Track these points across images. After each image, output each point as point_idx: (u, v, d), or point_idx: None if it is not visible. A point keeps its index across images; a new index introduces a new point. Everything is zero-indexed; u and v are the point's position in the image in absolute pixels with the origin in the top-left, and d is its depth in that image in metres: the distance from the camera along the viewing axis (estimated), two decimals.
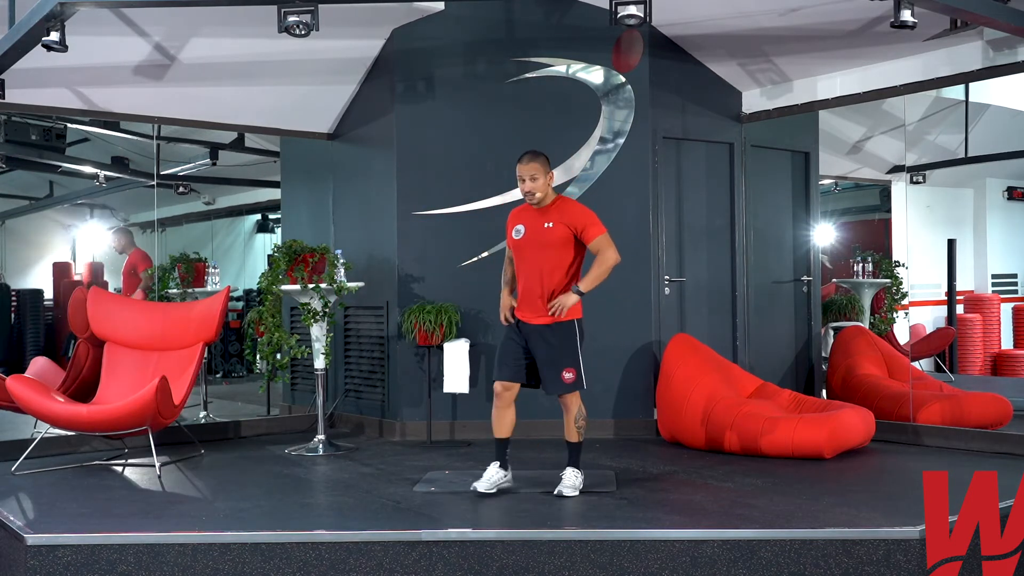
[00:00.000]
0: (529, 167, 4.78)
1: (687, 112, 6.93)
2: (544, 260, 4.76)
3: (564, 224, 4.78)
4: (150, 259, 8.01)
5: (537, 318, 4.78)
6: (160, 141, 8.01)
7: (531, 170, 4.78)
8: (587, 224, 4.80)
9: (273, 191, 8.87)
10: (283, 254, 6.26)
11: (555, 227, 4.77)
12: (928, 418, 6.34)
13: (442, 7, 6.57)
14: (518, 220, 4.91)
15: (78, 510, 4.60)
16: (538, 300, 4.77)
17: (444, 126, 6.78)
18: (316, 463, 5.85)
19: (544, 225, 4.79)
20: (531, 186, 4.78)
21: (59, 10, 4.67)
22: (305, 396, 7.60)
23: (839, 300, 8.27)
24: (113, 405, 5.51)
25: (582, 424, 4.90)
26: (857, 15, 5.69)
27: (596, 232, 4.80)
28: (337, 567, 3.89)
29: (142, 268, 7.91)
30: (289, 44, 5.53)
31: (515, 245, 4.87)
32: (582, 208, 4.90)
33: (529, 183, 4.78)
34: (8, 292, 8.91)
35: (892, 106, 7.35)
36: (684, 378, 6.14)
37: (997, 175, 8.60)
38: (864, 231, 8.95)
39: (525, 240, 4.82)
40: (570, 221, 4.78)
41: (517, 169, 4.83)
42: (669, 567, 3.86)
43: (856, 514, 4.16)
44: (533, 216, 4.85)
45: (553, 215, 4.80)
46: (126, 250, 8.26)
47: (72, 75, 6.18)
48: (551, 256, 4.77)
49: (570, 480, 4.78)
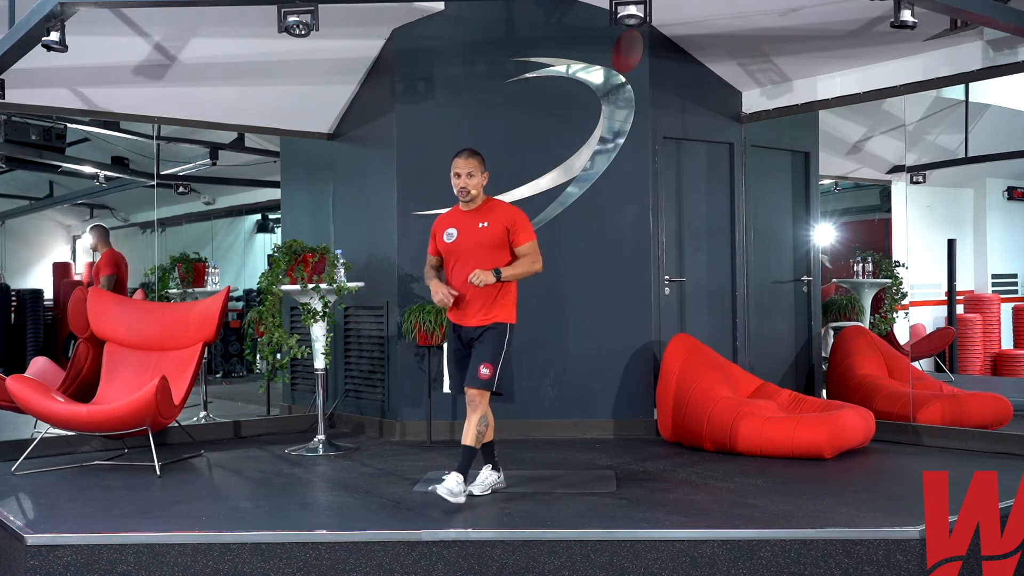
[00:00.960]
0: (468, 163, 4.72)
1: (687, 112, 6.93)
2: (482, 261, 4.68)
3: (500, 223, 4.73)
4: (119, 264, 7.80)
5: (476, 320, 4.73)
6: (160, 141, 8.02)
7: (469, 166, 4.71)
8: (520, 227, 4.75)
9: (273, 191, 8.87)
10: (283, 254, 6.26)
11: (491, 226, 4.72)
12: (928, 418, 6.34)
13: (442, 7, 6.57)
14: (448, 224, 4.82)
15: (78, 510, 4.60)
16: (477, 301, 4.71)
17: (444, 126, 6.78)
18: (316, 463, 5.85)
19: (479, 225, 4.73)
20: (467, 182, 4.71)
21: (59, 10, 4.67)
22: (305, 396, 7.60)
23: (839, 300, 8.27)
24: (113, 405, 5.51)
25: (483, 429, 4.76)
26: (857, 15, 5.69)
27: (527, 238, 4.75)
28: (337, 567, 3.89)
29: (104, 273, 7.72)
30: (289, 44, 5.53)
31: (448, 249, 4.78)
32: (515, 208, 4.88)
33: (465, 179, 4.71)
34: (8, 292, 8.92)
35: (892, 106, 7.35)
36: (684, 378, 6.14)
37: (997, 175, 8.60)
38: (864, 231, 8.95)
39: (459, 243, 4.74)
40: (505, 221, 4.74)
41: (453, 164, 4.75)
42: (669, 567, 3.86)
43: (856, 514, 4.16)
44: (465, 218, 4.79)
45: (487, 215, 4.76)
46: (99, 248, 8.12)
47: (72, 75, 6.18)
48: (489, 256, 4.70)
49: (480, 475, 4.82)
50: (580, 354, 6.65)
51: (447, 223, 4.83)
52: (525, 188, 6.66)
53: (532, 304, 6.64)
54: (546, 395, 6.66)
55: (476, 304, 4.71)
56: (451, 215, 4.87)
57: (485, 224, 4.72)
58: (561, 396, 6.66)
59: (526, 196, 6.65)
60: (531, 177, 6.67)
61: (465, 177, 4.71)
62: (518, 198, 6.65)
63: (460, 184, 4.72)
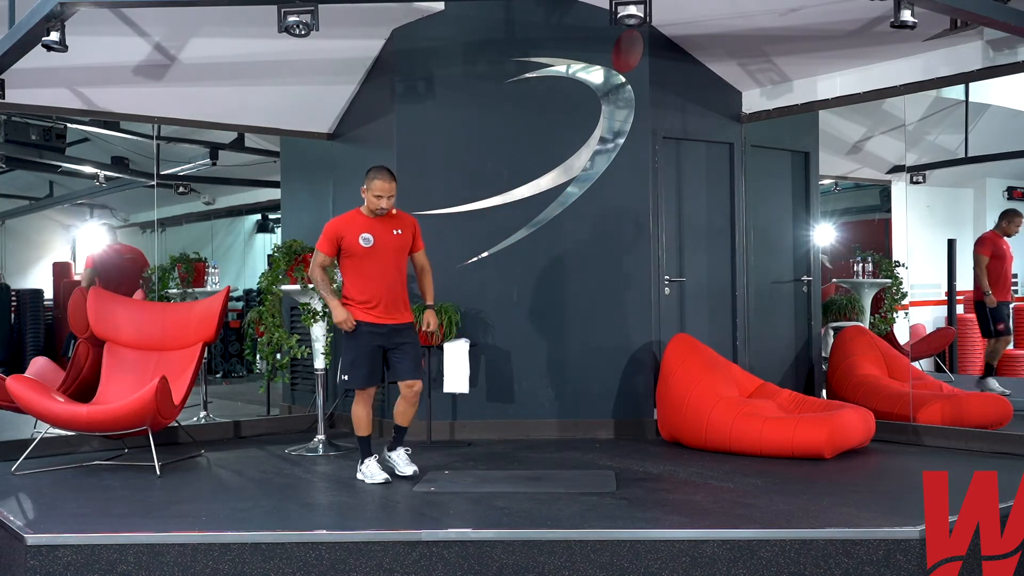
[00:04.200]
0: (390, 187, 5.09)
1: (687, 112, 6.93)
2: (398, 264, 5.18)
3: (408, 230, 5.23)
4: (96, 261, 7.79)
5: (401, 318, 5.17)
6: (160, 141, 8.02)
7: (391, 190, 5.10)
8: (419, 234, 5.31)
9: (273, 191, 8.87)
10: (283, 254, 6.26)
11: (403, 233, 5.19)
12: (928, 418, 6.34)
13: (442, 7, 6.57)
14: (360, 229, 5.09)
15: (78, 510, 4.60)
16: (398, 301, 5.17)
17: (444, 126, 6.78)
18: (316, 463, 5.85)
19: (394, 232, 5.14)
20: (387, 204, 5.09)
21: (59, 10, 4.67)
22: (305, 396, 7.60)
23: (839, 300, 8.27)
24: (113, 405, 5.51)
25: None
26: (857, 15, 5.69)
27: (422, 244, 5.33)
28: (337, 567, 3.89)
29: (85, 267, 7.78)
30: (289, 44, 5.52)
31: (365, 253, 5.07)
32: (413, 217, 5.36)
33: (387, 201, 5.08)
34: (8, 292, 8.92)
35: (892, 106, 7.35)
36: (684, 378, 6.14)
37: (997, 175, 8.60)
38: (864, 231, 8.95)
39: (378, 247, 5.09)
40: (412, 229, 5.26)
41: (375, 187, 5.07)
42: (669, 567, 3.86)
43: (856, 514, 4.16)
44: (378, 225, 5.13)
45: (398, 223, 5.19)
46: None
47: (72, 75, 6.18)
48: (402, 260, 5.22)
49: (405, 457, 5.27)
50: (580, 354, 6.65)
51: (358, 228, 5.11)
52: (525, 188, 6.66)
53: (532, 304, 6.67)
54: (546, 395, 6.66)
55: (399, 303, 5.18)
56: (359, 221, 5.14)
57: (399, 231, 5.17)
58: (561, 396, 6.65)
59: (526, 196, 6.66)
60: (531, 177, 6.67)
61: (387, 199, 5.08)
62: (518, 198, 6.66)
63: (381, 204, 5.08)
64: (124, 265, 7.90)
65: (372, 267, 5.09)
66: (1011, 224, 7.70)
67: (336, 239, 5.08)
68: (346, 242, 5.07)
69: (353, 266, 5.12)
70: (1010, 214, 7.77)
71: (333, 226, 5.13)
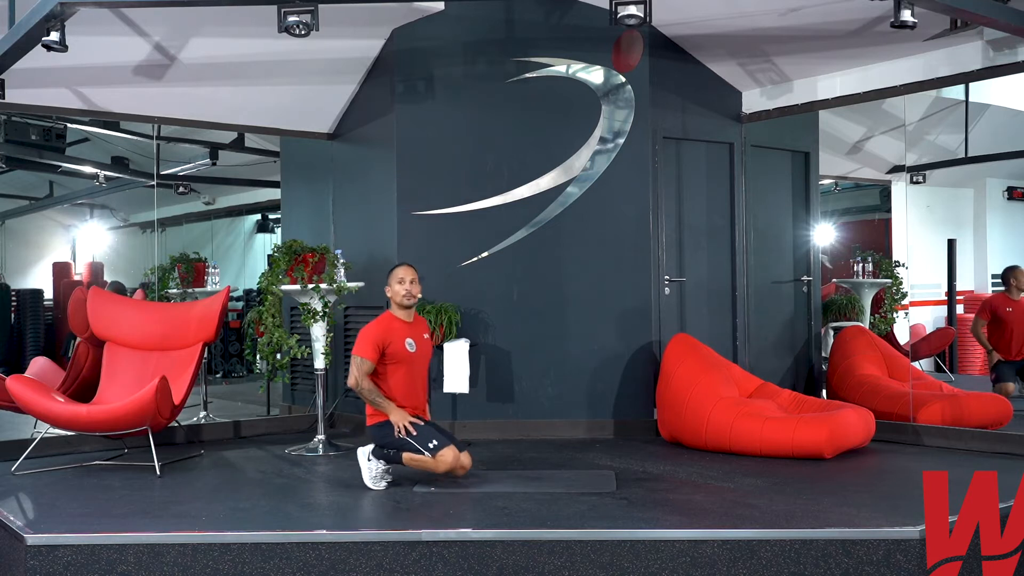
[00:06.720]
0: (412, 271, 5.12)
1: (687, 112, 6.93)
2: (426, 368, 5.23)
3: (430, 333, 5.31)
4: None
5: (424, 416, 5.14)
6: (160, 141, 8.02)
7: (413, 274, 5.11)
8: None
9: (273, 191, 8.87)
10: (283, 254, 6.26)
11: (429, 338, 5.24)
12: (928, 418, 6.34)
13: (442, 7, 6.57)
14: (404, 335, 5.05)
15: (78, 510, 4.60)
16: (424, 403, 5.19)
17: (444, 126, 6.78)
18: (316, 463, 5.85)
19: (423, 336, 5.18)
20: (411, 288, 5.07)
21: (59, 10, 4.67)
22: (305, 396, 7.60)
23: (839, 300, 8.27)
24: (113, 405, 5.51)
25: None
26: (857, 15, 5.69)
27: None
28: (337, 567, 3.89)
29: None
30: (289, 44, 5.53)
31: (408, 358, 5.03)
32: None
33: (409, 285, 5.07)
34: (8, 292, 8.92)
35: (892, 106, 7.35)
36: (684, 378, 6.14)
37: (997, 175, 8.59)
38: (864, 231, 8.95)
39: (417, 353, 5.09)
40: (429, 332, 5.31)
41: (400, 272, 5.09)
42: (669, 567, 3.86)
43: (856, 514, 4.16)
44: (413, 329, 5.12)
45: (423, 327, 5.26)
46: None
47: (72, 75, 6.18)
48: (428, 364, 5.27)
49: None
50: (580, 354, 6.65)
51: (401, 333, 5.04)
52: (525, 188, 6.67)
53: (532, 304, 6.67)
54: (546, 395, 6.66)
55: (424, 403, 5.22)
56: (397, 325, 5.07)
57: (427, 336, 5.22)
58: (561, 396, 6.65)
59: (526, 196, 6.66)
60: (531, 177, 6.67)
61: (409, 283, 5.06)
62: (518, 198, 6.66)
63: (406, 288, 5.05)
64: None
65: (408, 370, 5.03)
66: (1019, 281, 7.39)
67: (380, 345, 4.94)
68: (392, 348, 4.96)
69: (393, 371, 5.00)
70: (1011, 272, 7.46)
71: (375, 332, 4.98)
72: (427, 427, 4.97)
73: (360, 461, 5.02)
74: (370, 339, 4.96)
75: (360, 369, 4.93)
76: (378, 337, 4.97)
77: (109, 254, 9.51)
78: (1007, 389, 7.16)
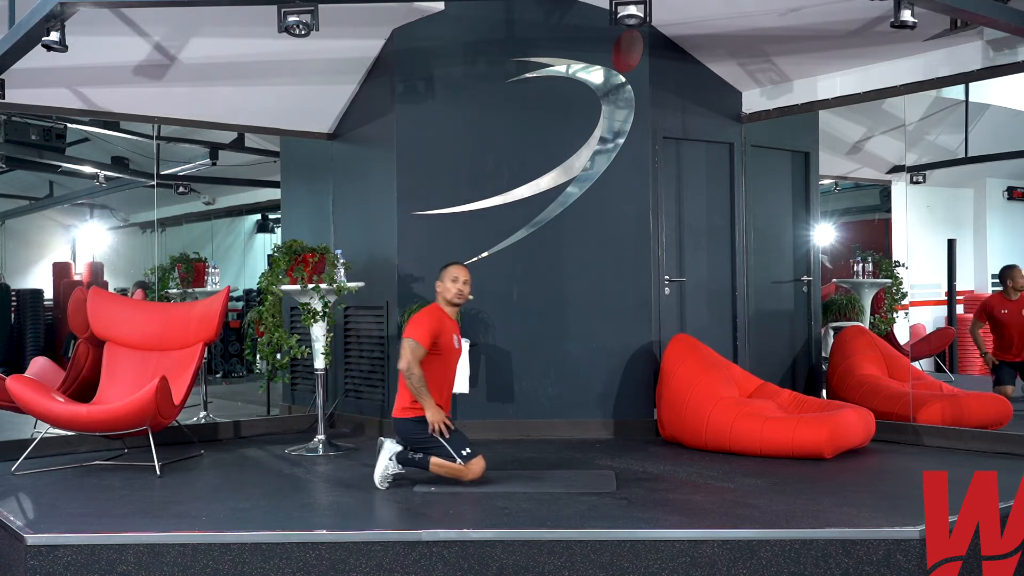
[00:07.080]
0: (467, 272, 5.12)
1: (687, 112, 6.93)
2: (456, 367, 5.20)
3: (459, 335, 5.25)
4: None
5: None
6: (160, 141, 8.02)
7: (466, 273, 5.11)
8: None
9: (273, 191, 8.87)
10: (283, 254, 6.26)
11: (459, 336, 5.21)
12: (928, 418, 6.34)
13: (442, 7, 6.57)
14: (452, 329, 5.08)
15: (78, 510, 4.60)
16: (449, 402, 5.16)
17: (444, 126, 6.78)
18: (316, 463, 5.85)
19: (457, 334, 5.16)
20: (464, 288, 5.08)
21: (59, 10, 4.67)
22: (305, 396, 7.60)
23: (839, 300, 8.27)
24: (113, 405, 5.51)
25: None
26: (857, 15, 5.69)
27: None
28: (337, 567, 3.89)
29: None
30: (289, 44, 5.53)
31: (453, 355, 5.08)
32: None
33: (462, 285, 5.08)
34: (8, 292, 8.91)
35: (892, 106, 7.35)
36: (684, 378, 6.14)
37: (997, 175, 8.60)
38: (864, 231, 8.95)
39: (458, 351, 5.14)
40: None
41: (450, 271, 5.10)
42: (669, 567, 3.86)
43: (856, 514, 4.16)
44: (454, 327, 5.12)
45: (458, 327, 5.22)
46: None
47: (72, 75, 6.18)
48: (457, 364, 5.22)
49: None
50: (580, 354, 6.65)
51: (451, 328, 5.07)
52: (525, 188, 6.66)
53: (533, 304, 6.67)
54: (546, 395, 6.66)
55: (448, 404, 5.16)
56: (448, 321, 5.08)
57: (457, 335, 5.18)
58: (561, 396, 6.65)
59: (526, 196, 6.66)
60: (531, 177, 6.67)
61: (463, 283, 5.07)
62: (518, 198, 6.66)
63: (459, 288, 5.06)
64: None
65: (446, 367, 5.05)
66: (1015, 281, 7.39)
67: (435, 334, 4.92)
68: (443, 340, 4.96)
69: (433, 364, 4.94)
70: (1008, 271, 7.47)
71: (430, 320, 4.95)
72: (459, 432, 4.95)
73: (381, 457, 4.92)
74: (427, 327, 4.91)
75: (414, 354, 4.84)
76: (433, 326, 4.94)
77: (109, 254, 9.51)
78: (1007, 392, 7.16)
